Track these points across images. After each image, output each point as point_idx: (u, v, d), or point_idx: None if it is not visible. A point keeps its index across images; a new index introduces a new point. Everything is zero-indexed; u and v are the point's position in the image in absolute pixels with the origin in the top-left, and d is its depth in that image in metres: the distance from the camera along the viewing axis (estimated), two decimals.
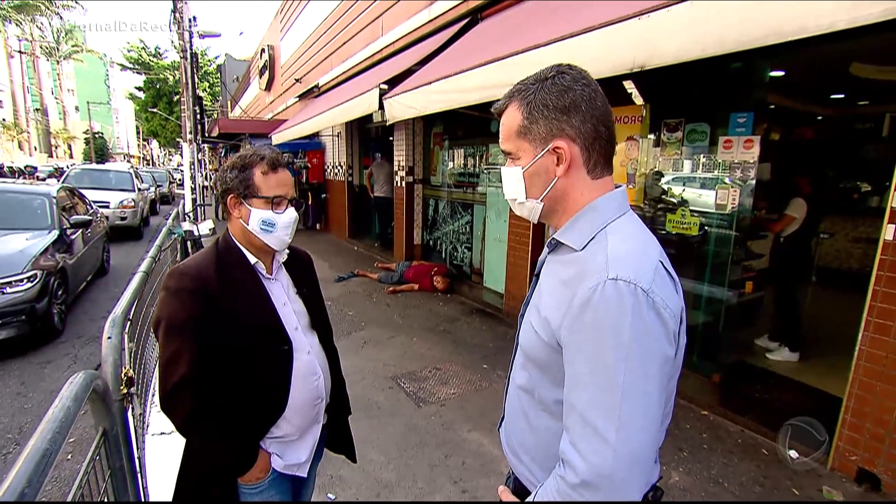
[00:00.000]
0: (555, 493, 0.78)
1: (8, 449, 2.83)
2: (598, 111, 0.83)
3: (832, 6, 1.48)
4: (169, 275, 1.24)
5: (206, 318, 1.19)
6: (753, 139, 3.15)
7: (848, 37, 1.91)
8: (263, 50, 16.54)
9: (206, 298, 1.20)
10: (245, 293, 1.28)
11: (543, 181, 0.87)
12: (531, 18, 3.80)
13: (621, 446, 0.70)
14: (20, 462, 0.78)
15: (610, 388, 0.72)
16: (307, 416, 1.37)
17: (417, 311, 5.47)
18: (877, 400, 2.45)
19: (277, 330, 1.30)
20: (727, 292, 3.49)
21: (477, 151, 6.36)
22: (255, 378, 1.27)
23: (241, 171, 1.27)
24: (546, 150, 0.85)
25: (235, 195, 1.28)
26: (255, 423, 1.29)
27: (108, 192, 10.31)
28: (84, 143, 51.31)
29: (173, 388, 1.17)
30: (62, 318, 4.66)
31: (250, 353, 1.26)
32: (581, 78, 0.84)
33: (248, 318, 1.25)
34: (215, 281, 1.23)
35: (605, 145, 0.85)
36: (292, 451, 1.36)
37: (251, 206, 1.27)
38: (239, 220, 1.29)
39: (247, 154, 1.30)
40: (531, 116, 0.85)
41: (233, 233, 1.33)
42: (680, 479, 2.60)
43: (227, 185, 1.29)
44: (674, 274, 0.83)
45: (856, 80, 4.50)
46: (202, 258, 1.29)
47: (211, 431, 1.21)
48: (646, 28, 2.09)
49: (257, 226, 1.27)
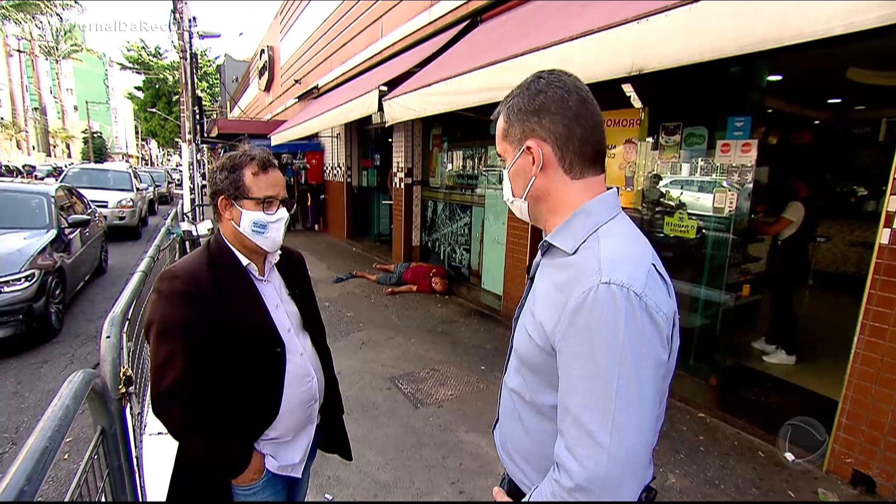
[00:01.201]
0: (549, 496, 0.78)
1: (4, 448, 2.82)
2: (570, 112, 0.85)
3: (829, 12, 1.49)
4: (160, 277, 1.22)
5: (198, 321, 1.17)
6: (751, 143, 3.16)
7: (845, 42, 1.93)
8: (263, 51, 16.55)
9: (199, 301, 1.18)
10: (238, 296, 1.26)
11: (523, 180, 0.91)
12: (531, 21, 3.81)
13: (616, 450, 0.71)
14: (19, 460, 0.78)
15: (604, 392, 0.72)
16: (301, 417, 1.37)
17: (416, 313, 5.47)
18: (872, 403, 2.47)
19: (270, 332, 1.29)
20: (724, 295, 3.50)
21: (475, 153, 6.37)
22: (248, 381, 1.26)
23: (230, 171, 1.25)
24: (521, 151, 0.89)
25: (226, 197, 1.26)
26: (249, 425, 1.29)
27: (107, 191, 10.29)
28: (82, 142, 51.22)
29: (166, 392, 1.15)
30: (59, 318, 4.65)
31: (243, 355, 1.24)
32: (555, 81, 0.87)
33: (241, 320, 1.24)
34: (208, 283, 1.21)
35: (579, 145, 0.86)
36: (286, 452, 1.36)
37: (242, 207, 1.25)
38: (230, 221, 1.27)
39: (236, 154, 1.27)
40: (509, 120, 0.91)
41: (224, 234, 1.31)
42: (676, 481, 2.61)
43: (217, 187, 1.27)
44: (666, 277, 0.83)
45: (853, 84, 4.53)
46: (194, 260, 1.27)
47: (205, 434, 1.20)
48: (644, 32, 2.10)
49: (248, 227, 1.25)
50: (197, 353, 1.17)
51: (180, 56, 10.78)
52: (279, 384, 1.30)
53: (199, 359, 1.17)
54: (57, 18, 30.31)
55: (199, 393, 1.18)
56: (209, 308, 1.19)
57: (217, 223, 1.33)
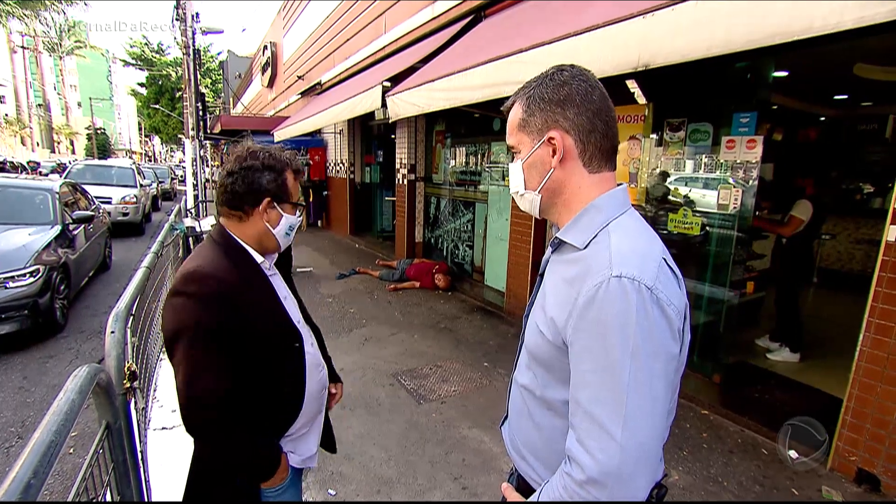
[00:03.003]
0: (561, 490, 0.78)
1: (11, 443, 2.84)
2: (594, 105, 0.85)
3: (840, 5, 1.48)
4: (186, 278, 1.12)
5: (231, 324, 1.12)
6: (756, 139, 3.14)
7: (852, 37, 1.91)
8: (266, 47, 16.53)
9: (232, 303, 1.13)
10: (260, 294, 1.24)
11: (540, 172, 0.89)
12: (534, 17, 3.79)
13: (628, 443, 0.70)
14: (26, 453, 0.78)
15: (616, 386, 0.72)
16: (316, 407, 1.38)
17: (418, 309, 5.47)
18: (877, 401, 2.46)
19: (290, 327, 1.28)
20: (728, 292, 3.49)
21: (479, 150, 6.36)
22: (275, 379, 1.24)
23: (278, 174, 1.22)
24: (542, 142, 0.87)
25: (271, 199, 1.22)
26: (277, 423, 1.28)
27: (110, 187, 10.33)
28: (86, 138, 51.34)
29: (200, 404, 1.10)
30: (64, 314, 4.67)
31: (268, 354, 1.22)
32: (579, 74, 0.87)
33: (267, 318, 1.22)
34: (238, 283, 1.16)
35: (600, 139, 0.86)
36: (304, 445, 1.37)
37: (284, 211, 1.24)
38: (264, 223, 1.23)
39: (274, 153, 1.24)
40: (529, 110, 0.89)
41: (241, 234, 1.24)
42: (680, 478, 2.60)
43: (262, 188, 1.20)
44: (677, 270, 0.83)
45: (859, 81, 4.49)
46: (216, 259, 1.18)
47: (242, 443, 1.16)
48: (651, 26, 2.08)
49: (283, 230, 1.25)
50: (230, 359, 1.13)
51: (183, 52, 10.78)
52: (302, 379, 1.30)
53: (232, 364, 1.13)
54: (61, 15, 30.31)
55: (233, 401, 1.13)
56: (240, 310, 1.14)
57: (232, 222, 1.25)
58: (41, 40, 39.41)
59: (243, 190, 1.20)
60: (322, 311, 5.27)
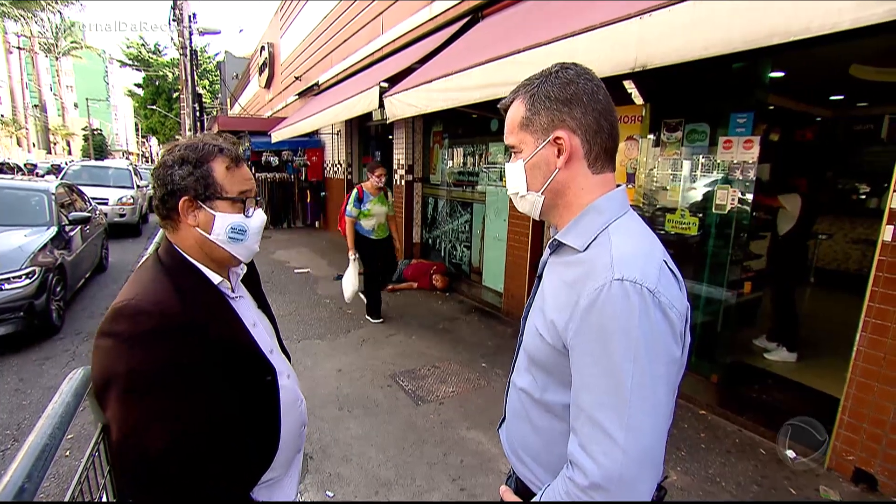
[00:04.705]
0: (563, 494, 0.77)
1: (6, 445, 2.82)
2: (600, 105, 0.84)
3: (837, 6, 1.48)
4: (115, 315, 0.91)
5: (177, 364, 0.92)
6: (753, 139, 3.15)
7: (848, 38, 1.92)
8: (263, 47, 16.49)
9: (175, 339, 0.92)
10: (216, 323, 1.01)
11: (544, 173, 0.87)
12: (532, 17, 3.79)
13: (632, 447, 0.70)
14: (20, 457, 0.77)
15: (618, 389, 0.71)
16: (294, 448, 1.20)
17: (416, 310, 5.47)
18: (874, 400, 2.46)
19: (258, 359, 1.07)
20: (726, 292, 3.49)
21: (476, 150, 6.36)
22: (241, 423, 1.03)
23: (195, 166, 0.99)
24: (547, 141, 0.85)
25: (191, 197, 1.00)
26: (251, 472, 1.07)
27: (107, 188, 10.27)
28: (83, 139, 51.23)
29: (149, 468, 0.90)
30: (61, 315, 4.65)
31: (232, 394, 1.01)
32: (584, 73, 0.86)
33: (225, 352, 1.00)
34: (180, 314, 0.93)
35: (606, 139, 0.85)
36: (281, 490, 1.17)
37: (214, 210, 1.01)
38: (195, 228, 1.01)
39: (197, 144, 1.02)
40: (533, 108, 0.86)
41: (183, 246, 1.03)
42: (678, 478, 2.60)
43: (175, 185, 0.99)
44: (677, 273, 0.83)
45: (855, 81, 4.51)
46: (153, 286, 0.96)
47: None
48: (648, 27, 2.09)
49: (224, 234, 1.02)
50: (181, 408, 0.92)
51: (180, 53, 10.78)
52: (276, 418, 1.10)
53: (184, 414, 0.92)
54: (57, 15, 30.23)
55: (191, 458, 0.93)
56: (187, 346, 0.93)
57: (169, 233, 1.05)
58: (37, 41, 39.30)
59: (161, 192, 1.01)
60: (320, 312, 5.26)
